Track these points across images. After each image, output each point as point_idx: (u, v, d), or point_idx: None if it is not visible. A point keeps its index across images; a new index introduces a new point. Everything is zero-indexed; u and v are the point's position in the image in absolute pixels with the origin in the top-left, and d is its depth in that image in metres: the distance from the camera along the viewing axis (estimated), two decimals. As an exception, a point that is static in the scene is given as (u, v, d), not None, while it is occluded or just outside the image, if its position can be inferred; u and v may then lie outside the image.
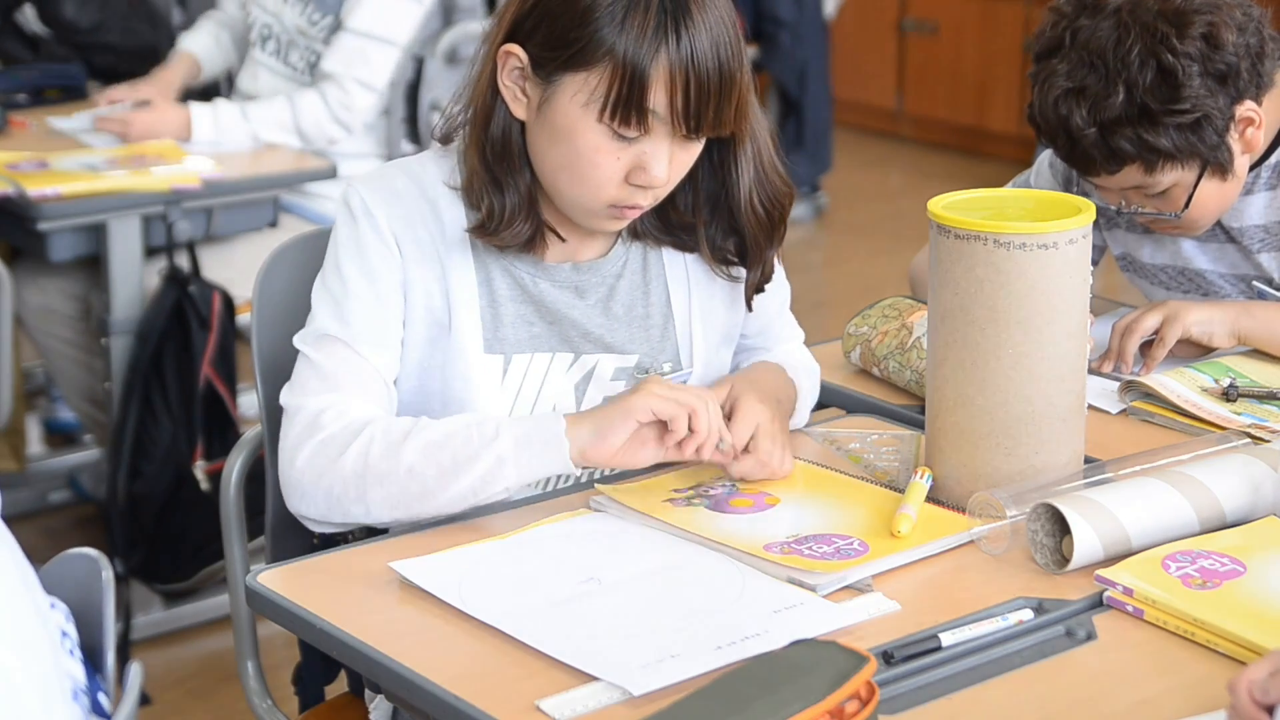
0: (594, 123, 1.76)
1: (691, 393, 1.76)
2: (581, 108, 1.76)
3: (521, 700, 1.44)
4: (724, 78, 1.76)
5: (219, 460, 3.25)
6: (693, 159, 1.84)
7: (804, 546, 1.69)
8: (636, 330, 1.93)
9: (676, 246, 1.95)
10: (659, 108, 1.75)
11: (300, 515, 1.80)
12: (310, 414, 1.79)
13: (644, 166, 1.79)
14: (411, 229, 1.85)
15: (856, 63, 6.97)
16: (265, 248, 2.52)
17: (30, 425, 3.95)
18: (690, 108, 1.75)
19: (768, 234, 1.92)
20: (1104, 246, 2.43)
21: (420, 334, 1.86)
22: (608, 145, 1.78)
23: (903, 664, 1.50)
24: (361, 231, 1.85)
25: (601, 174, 1.79)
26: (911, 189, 6.34)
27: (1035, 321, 1.73)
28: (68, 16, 4.07)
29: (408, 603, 1.62)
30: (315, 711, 2.02)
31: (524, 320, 1.89)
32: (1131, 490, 1.70)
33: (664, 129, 1.77)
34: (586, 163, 1.79)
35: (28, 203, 3.09)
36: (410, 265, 1.85)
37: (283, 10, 3.62)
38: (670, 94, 1.74)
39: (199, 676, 3.23)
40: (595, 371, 1.91)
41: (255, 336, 1.98)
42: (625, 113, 1.75)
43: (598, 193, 1.80)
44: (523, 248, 1.87)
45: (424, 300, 1.86)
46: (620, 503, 1.79)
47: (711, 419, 1.76)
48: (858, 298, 3.16)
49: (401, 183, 1.88)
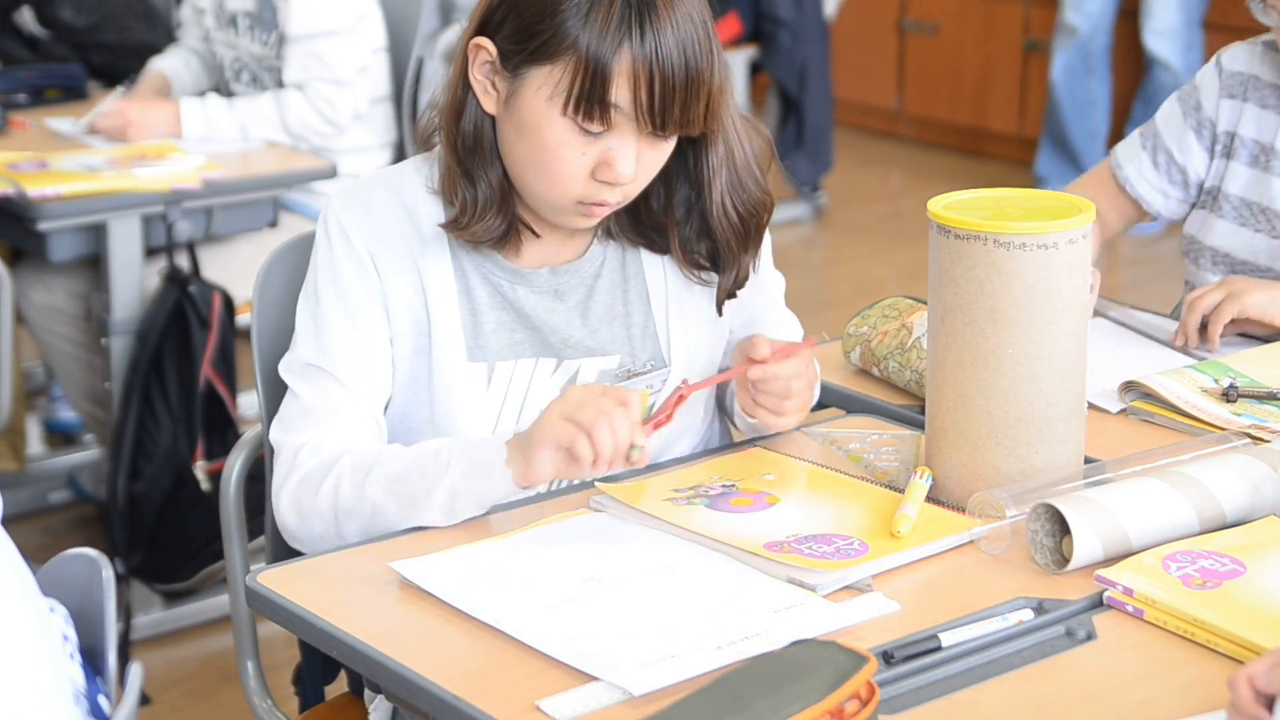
0: (558, 117, 1.76)
1: (593, 407, 1.67)
2: (546, 101, 1.77)
3: (521, 700, 1.44)
4: (690, 75, 1.76)
5: (219, 460, 3.25)
6: (663, 159, 1.83)
7: (804, 546, 1.69)
8: (617, 330, 1.93)
9: (649, 248, 1.94)
10: (622, 103, 1.75)
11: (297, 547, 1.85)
12: (290, 452, 1.83)
13: (610, 163, 1.78)
14: (388, 243, 1.86)
15: (856, 63, 6.96)
16: (265, 248, 2.52)
17: (30, 425, 3.95)
18: (654, 103, 1.75)
19: (741, 241, 1.91)
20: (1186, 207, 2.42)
21: (406, 347, 1.87)
22: (572, 140, 1.78)
23: (903, 664, 1.50)
24: (336, 255, 1.86)
25: (567, 169, 1.79)
26: (911, 189, 6.34)
27: (1035, 321, 1.74)
28: (64, 17, 4.07)
29: (408, 603, 1.62)
30: (315, 711, 2.02)
31: (505, 327, 1.89)
32: (1131, 490, 1.70)
33: (629, 125, 1.77)
34: (551, 157, 1.79)
35: (28, 203, 3.09)
36: (388, 281, 1.86)
37: (239, 43, 3.61)
38: (634, 89, 1.74)
39: (199, 676, 3.23)
40: (578, 376, 1.91)
41: (255, 337, 1.99)
42: (588, 107, 1.75)
43: (564, 188, 1.80)
44: (497, 245, 1.87)
45: (406, 313, 1.86)
46: (620, 502, 1.79)
47: (616, 432, 1.67)
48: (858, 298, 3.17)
49: (379, 194, 1.88)
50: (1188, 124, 2.39)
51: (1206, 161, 2.38)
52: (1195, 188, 2.39)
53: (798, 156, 5.88)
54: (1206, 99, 2.39)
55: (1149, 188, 2.42)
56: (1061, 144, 5.84)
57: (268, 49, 3.56)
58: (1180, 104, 2.42)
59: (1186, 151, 2.39)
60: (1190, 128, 2.39)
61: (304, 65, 3.50)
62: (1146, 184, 2.42)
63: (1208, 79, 2.41)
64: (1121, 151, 2.47)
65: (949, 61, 6.66)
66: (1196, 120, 2.38)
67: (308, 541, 1.82)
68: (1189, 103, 2.41)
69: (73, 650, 1.41)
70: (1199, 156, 2.39)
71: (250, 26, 3.58)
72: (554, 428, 1.68)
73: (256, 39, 3.57)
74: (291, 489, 1.81)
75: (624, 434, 1.67)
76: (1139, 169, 2.44)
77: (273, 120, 3.50)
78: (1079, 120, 5.79)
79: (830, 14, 6.03)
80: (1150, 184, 2.42)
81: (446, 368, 1.86)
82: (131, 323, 3.26)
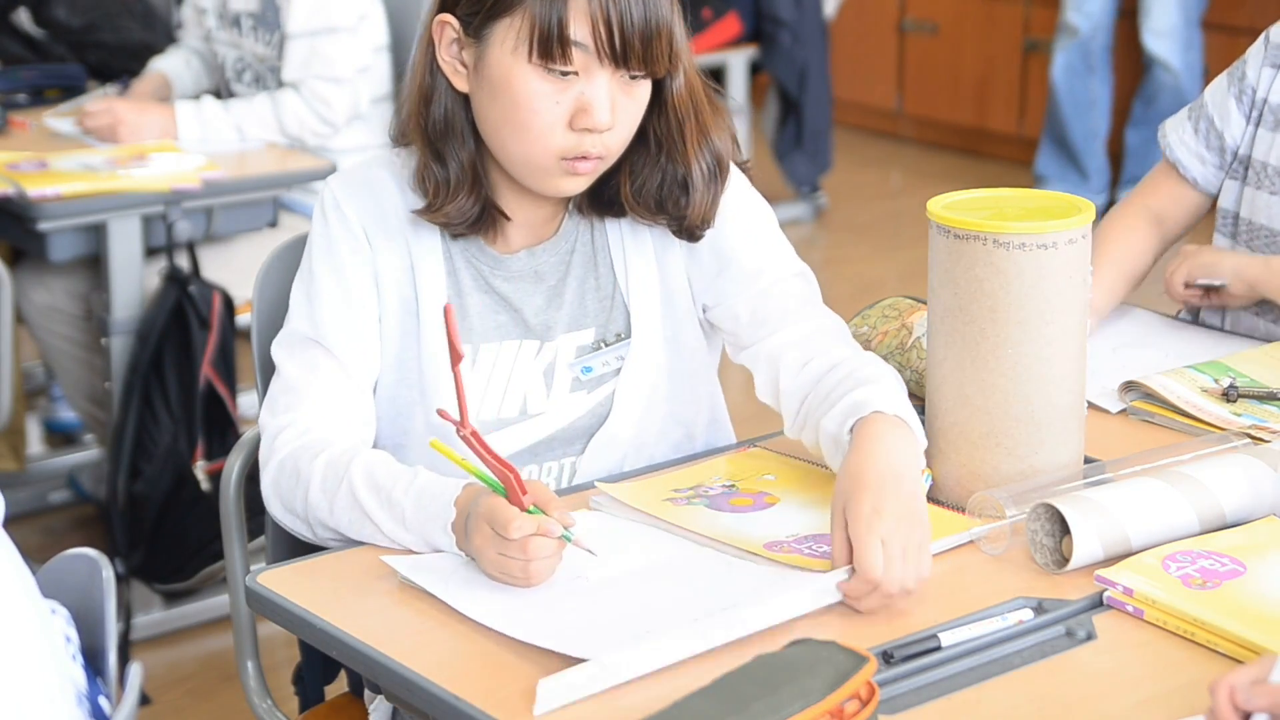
0: (525, 65, 1.78)
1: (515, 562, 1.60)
2: (512, 54, 1.78)
3: (521, 700, 1.44)
4: (647, 9, 1.77)
5: (219, 460, 3.25)
6: (639, 107, 1.83)
7: (804, 546, 1.69)
8: (590, 302, 1.93)
9: (611, 213, 1.92)
10: (583, 39, 1.76)
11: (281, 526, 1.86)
12: (271, 434, 1.84)
13: (585, 109, 1.78)
14: (383, 220, 1.89)
15: (856, 63, 6.96)
16: (265, 248, 2.52)
17: (30, 425, 3.96)
18: (614, 39, 1.76)
19: (708, 180, 1.88)
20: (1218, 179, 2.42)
21: (395, 326, 1.89)
22: (543, 89, 1.78)
23: (902, 664, 1.50)
24: (331, 228, 1.89)
25: (542, 120, 1.79)
26: (911, 189, 6.34)
27: (1035, 321, 1.74)
28: (59, 17, 4.07)
29: (408, 603, 1.62)
30: (315, 711, 2.02)
31: (489, 310, 1.90)
32: (1131, 490, 1.70)
33: (597, 66, 1.77)
34: (526, 110, 1.79)
35: (28, 203, 3.08)
36: (381, 256, 1.88)
37: (242, 43, 3.61)
38: (592, 25, 1.75)
39: (199, 676, 3.23)
40: (558, 355, 1.92)
41: (255, 337, 1.99)
42: (549, 47, 1.76)
43: (545, 142, 1.80)
44: (473, 229, 1.87)
45: (396, 290, 1.88)
46: (620, 501, 1.79)
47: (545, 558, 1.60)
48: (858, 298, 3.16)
49: (377, 173, 1.91)
50: (1230, 92, 2.37)
51: (1243, 127, 2.36)
52: (1231, 153, 2.37)
53: (797, 157, 5.88)
54: (1251, 68, 2.36)
55: (1186, 152, 2.39)
56: (1062, 144, 5.84)
57: (270, 49, 3.56)
58: (1228, 75, 2.39)
59: (1226, 117, 2.36)
60: (1233, 95, 2.36)
61: (302, 62, 3.49)
62: (1185, 149, 2.40)
63: (1255, 50, 2.38)
64: (1169, 123, 2.45)
65: (949, 61, 6.66)
66: (1239, 88, 2.36)
67: (287, 521, 1.83)
68: (1235, 73, 2.38)
69: (75, 651, 1.41)
70: (1237, 121, 2.36)
71: (254, 27, 3.58)
72: (484, 565, 1.63)
73: (260, 39, 3.57)
74: (272, 471, 1.82)
75: (541, 553, 1.60)
76: (1180, 136, 2.41)
77: (269, 121, 3.49)
78: (1079, 120, 5.79)
79: (830, 14, 6.03)
80: (1188, 148, 2.39)
81: (434, 348, 1.87)
82: (131, 323, 3.26)
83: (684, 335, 1.96)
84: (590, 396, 1.92)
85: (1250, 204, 2.33)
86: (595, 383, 1.92)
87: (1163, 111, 5.50)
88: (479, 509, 1.63)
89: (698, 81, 1.88)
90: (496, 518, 1.60)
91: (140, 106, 3.52)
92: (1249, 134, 2.35)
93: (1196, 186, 2.40)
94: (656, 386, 1.94)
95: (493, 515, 1.61)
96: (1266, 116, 2.33)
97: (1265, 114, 2.33)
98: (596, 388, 1.92)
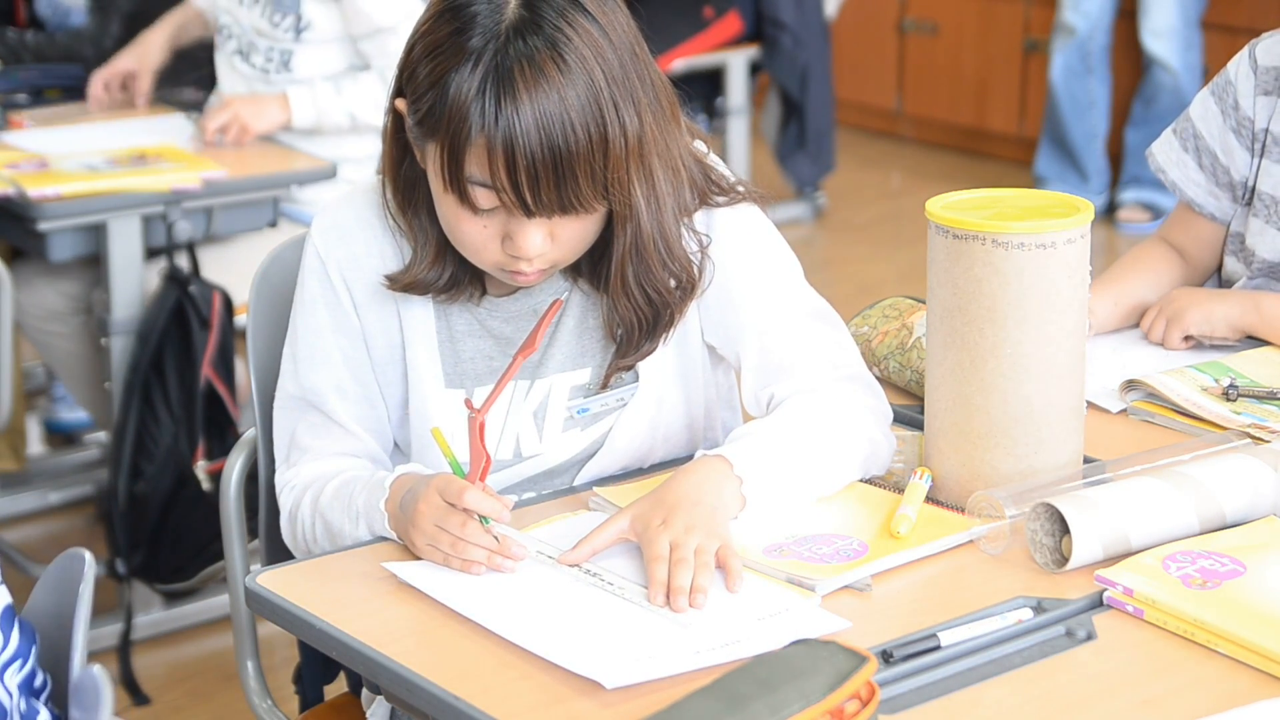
0: (444, 193, 1.72)
1: (444, 537, 1.64)
2: (435, 176, 1.72)
3: (521, 700, 1.44)
4: (556, 156, 1.65)
5: (220, 460, 3.25)
6: (587, 230, 1.75)
7: (803, 548, 1.69)
8: (588, 342, 1.88)
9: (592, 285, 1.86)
10: (483, 182, 1.68)
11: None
12: (276, 492, 1.89)
13: (512, 237, 1.72)
14: (364, 270, 1.85)
15: (856, 63, 6.96)
16: (265, 248, 2.52)
17: (30, 425, 3.96)
18: (517, 185, 1.66)
19: (645, 328, 1.81)
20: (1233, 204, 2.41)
21: (391, 374, 1.88)
22: (467, 215, 1.72)
23: (902, 664, 1.50)
24: (312, 286, 1.86)
25: (472, 241, 1.74)
26: (911, 189, 6.34)
27: (1034, 321, 1.74)
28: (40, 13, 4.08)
29: (407, 603, 1.62)
30: (315, 711, 2.02)
31: (484, 355, 1.87)
32: (1131, 490, 1.70)
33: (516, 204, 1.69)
34: (455, 229, 1.75)
35: (28, 203, 3.09)
36: (364, 310, 1.85)
37: (238, 11, 3.56)
38: (490, 169, 1.66)
39: (199, 676, 3.23)
40: (550, 394, 1.88)
41: (251, 338, 1.99)
42: (456, 186, 1.69)
43: (478, 258, 1.76)
44: (448, 290, 1.82)
45: (384, 340, 1.86)
46: (618, 505, 1.79)
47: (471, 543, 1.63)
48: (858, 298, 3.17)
49: (364, 215, 1.86)
50: (1227, 125, 2.34)
51: (1248, 160, 2.34)
52: (1241, 187, 2.35)
53: (799, 158, 5.88)
54: (1244, 97, 2.33)
55: (1199, 190, 2.36)
56: (1061, 144, 5.84)
57: (275, 29, 3.50)
58: (1217, 102, 2.35)
59: (1230, 153, 2.34)
60: (1230, 129, 2.34)
61: (389, 55, 3.44)
62: (1196, 187, 2.36)
63: (1243, 75, 2.34)
64: (1161, 155, 2.40)
65: (949, 61, 6.66)
66: (1235, 120, 2.34)
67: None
68: (1226, 101, 2.35)
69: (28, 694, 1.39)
70: (1241, 157, 2.34)
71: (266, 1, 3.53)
72: (424, 550, 1.67)
73: (265, 15, 3.52)
74: (285, 528, 1.88)
75: (475, 536, 1.63)
76: (1185, 174, 2.37)
77: (381, 102, 3.44)
78: (1078, 120, 5.78)
79: (831, 14, 6.03)
80: (1199, 186, 2.36)
81: (420, 393, 1.86)
82: (131, 323, 3.26)
83: (693, 371, 1.91)
84: (584, 434, 1.89)
85: (1258, 235, 2.32)
86: (590, 420, 1.89)
87: (1162, 111, 5.50)
88: (433, 481, 1.67)
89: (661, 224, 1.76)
90: (450, 487, 1.64)
91: (254, 98, 3.49)
92: (1255, 166, 2.34)
93: (1215, 220, 2.39)
94: (657, 425, 1.90)
95: (446, 486, 1.65)
96: (1271, 148, 2.31)
97: (1269, 145, 2.32)
98: (591, 425, 1.89)
